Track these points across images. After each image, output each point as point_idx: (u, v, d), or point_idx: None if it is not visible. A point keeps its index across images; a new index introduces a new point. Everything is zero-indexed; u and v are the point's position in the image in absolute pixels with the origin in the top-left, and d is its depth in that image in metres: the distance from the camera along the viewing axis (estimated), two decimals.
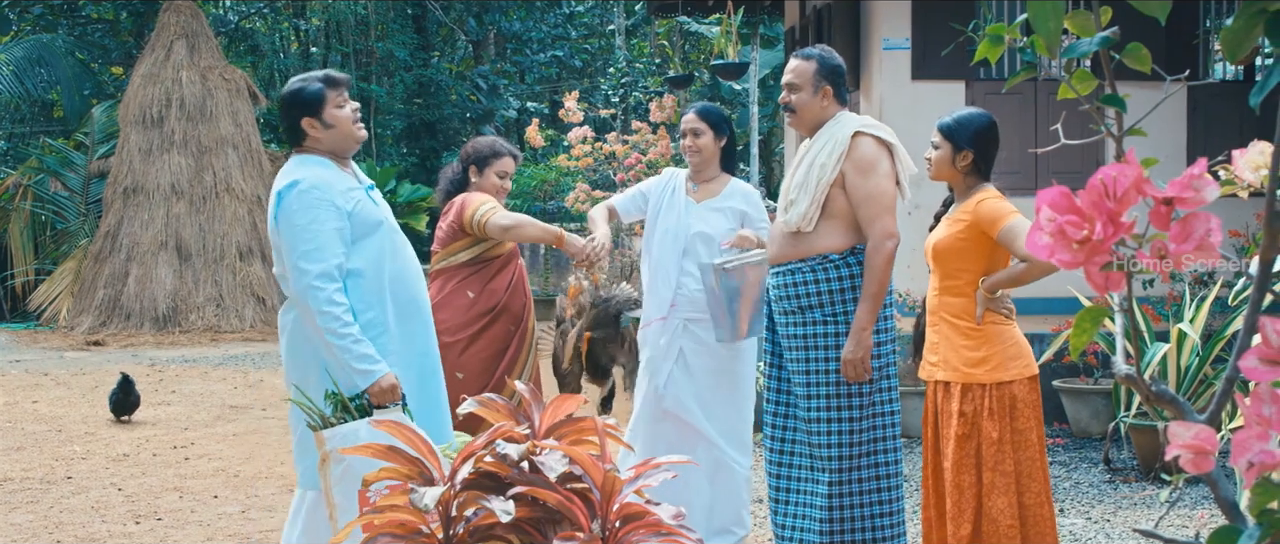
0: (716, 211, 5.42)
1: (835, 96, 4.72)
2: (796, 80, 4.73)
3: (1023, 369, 4.37)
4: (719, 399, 5.40)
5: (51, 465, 7.82)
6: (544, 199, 17.49)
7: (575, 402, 2.86)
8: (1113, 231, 1.54)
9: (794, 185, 4.69)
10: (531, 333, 5.43)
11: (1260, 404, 1.52)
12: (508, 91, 24.53)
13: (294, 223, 4.05)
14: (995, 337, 4.37)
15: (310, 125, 4.20)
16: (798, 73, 4.73)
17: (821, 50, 4.81)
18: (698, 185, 5.49)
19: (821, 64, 4.73)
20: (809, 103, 4.71)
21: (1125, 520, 6.20)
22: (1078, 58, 1.73)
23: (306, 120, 4.19)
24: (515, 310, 5.35)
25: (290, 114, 4.22)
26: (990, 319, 4.38)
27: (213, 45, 17.47)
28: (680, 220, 5.41)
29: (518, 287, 5.40)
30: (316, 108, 4.19)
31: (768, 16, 15.81)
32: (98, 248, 16.42)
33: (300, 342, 4.18)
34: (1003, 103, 9.86)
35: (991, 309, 4.38)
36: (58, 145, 18.89)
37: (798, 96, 4.72)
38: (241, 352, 14.18)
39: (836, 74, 4.74)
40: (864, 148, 4.57)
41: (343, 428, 3.89)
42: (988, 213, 4.38)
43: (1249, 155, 1.96)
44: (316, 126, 4.20)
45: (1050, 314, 8.86)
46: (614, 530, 2.62)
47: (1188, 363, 7.10)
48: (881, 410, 4.63)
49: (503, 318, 5.29)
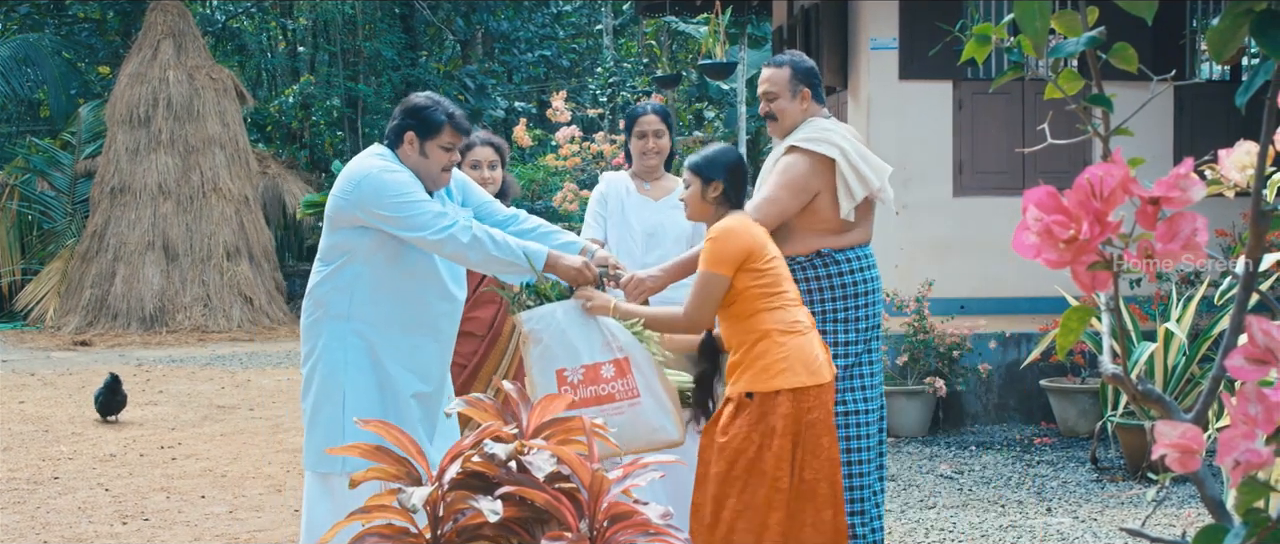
0: (676, 208, 5.45)
1: (814, 98, 4.79)
2: (773, 88, 4.79)
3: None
4: None
5: (38, 466, 7.79)
6: (531, 199, 17.47)
7: (562, 402, 2.86)
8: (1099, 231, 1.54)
9: (757, 185, 4.78)
10: (506, 339, 5.28)
11: (1246, 403, 1.53)
12: (495, 91, 24.49)
13: (387, 197, 4.15)
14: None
15: (410, 141, 4.29)
16: (773, 81, 4.79)
17: (792, 55, 4.88)
18: (650, 183, 5.50)
19: (795, 69, 4.78)
20: (789, 108, 4.78)
21: (1112, 519, 6.21)
22: (1064, 57, 1.73)
23: (411, 135, 4.29)
24: (484, 318, 5.20)
25: (405, 119, 4.32)
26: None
27: (200, 45, 17.43)
28: (644, 218, 5.42)
29: (488, 293, 5.27)
30: (430, 132, 4.28)
31: (755, 16, 15.83)
32: (85, 248, 16.38)
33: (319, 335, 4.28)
34: (989, 102, 9.88)
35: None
36: (44, 145, 18.83)
37: (777, 103, 4.79)
38: (228, 352, 14.16)
39: (812, 76, 4.80)
40: (788, 159, 4.68)
41: (539, 309, 4.19)
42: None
43: (1235, 155, 1.96)
44: (414, 145, 4.29)
45: (1037, 313, 8.88)
46: (602, 530, 2.62)
47: (1174, 362, 7.12)
48: (852, 408, 4.63)
49: (468, 324, 5.12)
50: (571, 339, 4.16)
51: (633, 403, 4.12)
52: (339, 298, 4.25)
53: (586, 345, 4.16)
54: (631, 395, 4.13)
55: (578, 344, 4.16)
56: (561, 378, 4.12)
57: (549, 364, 4.12)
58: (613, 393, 4.13)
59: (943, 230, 9.65)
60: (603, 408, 4.10)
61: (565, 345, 4.15)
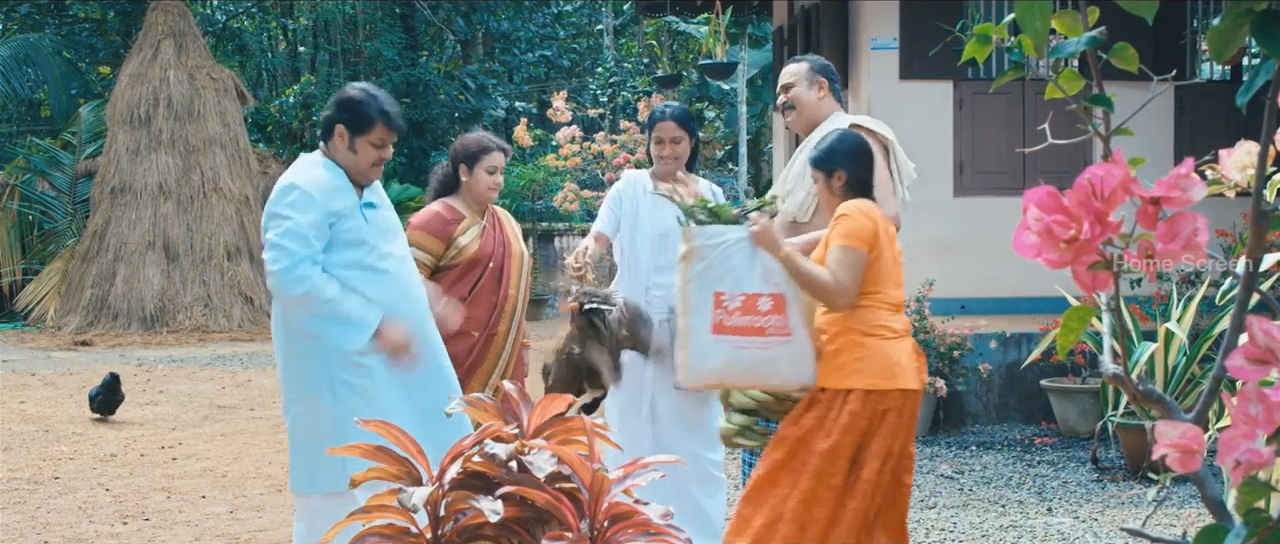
0: None
1: (830, 91, 4.92)
2: (791, 79, 4.94)
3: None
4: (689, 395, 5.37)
5: (39, 466, 7.80)
6: (532, 199, 17.47)
7: (563, 401, 2.86)
8: (1100, 231, 1.54)
9: (792, 176, 4.81)
10: (502, 338, 5.23)
11: (1247, 403, 1.53)
12: (496, 91, 24.48)
13: (276, 205, 4.18)
14: None
15: (341, 134, 4.29)
16: (791, 73, 4.95)
17: (810, 56, 5.07)
18: (668, 186, 5.50)
19: (813, 63, 4.97)
20: (806, 96, 4.89)
21: (1113, 519, 6.21)
22: (1065, 57, 1.73)
23: (341, 128, 4.29)
24: (479, 317, 5.18)
25: (338, 111, 4.32)
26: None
27: (200, 44, 17.42)
28: (658, 219, 5.41)
29: (483, 293, 5.21)
30: (361, 126, 4.28)
31: (755, 16, 15.83)
32: (85, 247, 16.36)
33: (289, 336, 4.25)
34: (990, 102, 9.88)
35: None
36: (45, 145, 18.82)
37: (795, 92, 4.91)
38: (229, 352, 14.15)
39: (829, 72, 4.97)
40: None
41: (711, 227, 4.17)
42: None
43: (1236, 155, 1.96)
44: (345, 139, 4.30)
45: (1037, 313, 8.88)
46: (602, 530, 2.62)
47: (1175, 362, 7.12)
48: None
49: (465, 324, 5.08)
50: (735, 264, 4.15)
51: (784, 341, 4.10)
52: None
53: (748, 274, 4.14)
54: (783, 333, 4.10)
55: (740, 271, 4.14)
56: (718, 300, 4.12)
57: (708, 284, 4.12)
58: (764, 327, 4.11)
59: (943, 230, 9.65)
60: (753, 340, 4.09)
61: (728, 269, 4.14)
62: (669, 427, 5.36)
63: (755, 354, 4.08)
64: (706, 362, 4.15)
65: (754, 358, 4.09)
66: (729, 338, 4.11)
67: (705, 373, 4.18)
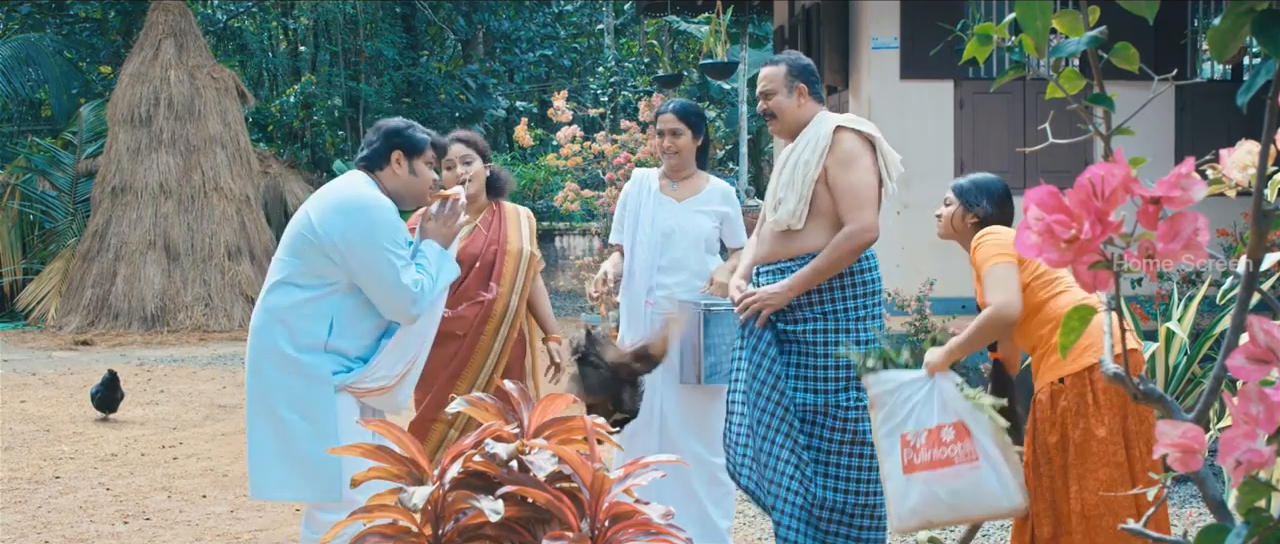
0: (699, 212, 5.43)
1: (810, 94, 4.79)
2: (769, 86, 4.81)
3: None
4: (695, 399, 5.36)
5: (39, 465, 7.80)
6: (533, 198, 17.47)
7: (564, 401, 2.86)
8: (1100, 230, 1.54)
9: (781, 184, 4.73)
10: (489, 340, 5.10)
11: (1248, 403, 1.53)
12: (497, 91, 24.50)
13: (378, 242, 4.14)
14: None
15: (398, 160, 4.31)
16: (769, 79, 4.81)
17: (788, 54, 4.91)
18: (677, 183, 5.49)
19: (790, 66, 4.81)
20: (786, 104, 4.77)
21: None
22: (1066, 57, 1.73)
23: (397, 154, 4.31)
24: (468, 317, 5.10)
25: (388, 141, 4.33)
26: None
27: (201, 44, 17.42)
28: (661, 219, 5.41)
29: (469, 293, 5.11)
30: (414, 150, 4.32)
31: (756, 16, 15.83)
32: (86, 247, 16.37)
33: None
34: (991, 102, 9.88)
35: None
36: (46, 144, 18.83)
37: (774, 100, 4.79)
38: (230, 351, 14.15)
39: (808, 73, 4.82)
40: (845, 142, 4.65)
41: (885, 373, 4.24)
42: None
43: (1236, 155, 1.96)
44: (403, 164, 4.32)
45: None
46: (603, 530, 2.62)
47: (1175, 362, 7.12)
48: (866, 404, 4.63)
49: (450, 324, 5.01)
50: (914, 404, 4.18)
51: (972, 466, 4.05)
52: (315, 325, 4.17)
53: (927, 410, 4.15)
54: (970, 458, 4.07)
55: (920, 409, 4.17)
56: (904, 441, 4.17)
57: (894, 429, 4.18)
58: (951, 456, 4.09)
59: None
60: (942, 471, 4.08)
61: (909, 410, 4.18)
62: (675, 430, 5.35)
63: (949, 485, 4.05)
64: (906, 502, 4.17)
65: (949, 490, 4.06)
66: (920, 474, 4.12)
67: (907, 514, 4.19)
